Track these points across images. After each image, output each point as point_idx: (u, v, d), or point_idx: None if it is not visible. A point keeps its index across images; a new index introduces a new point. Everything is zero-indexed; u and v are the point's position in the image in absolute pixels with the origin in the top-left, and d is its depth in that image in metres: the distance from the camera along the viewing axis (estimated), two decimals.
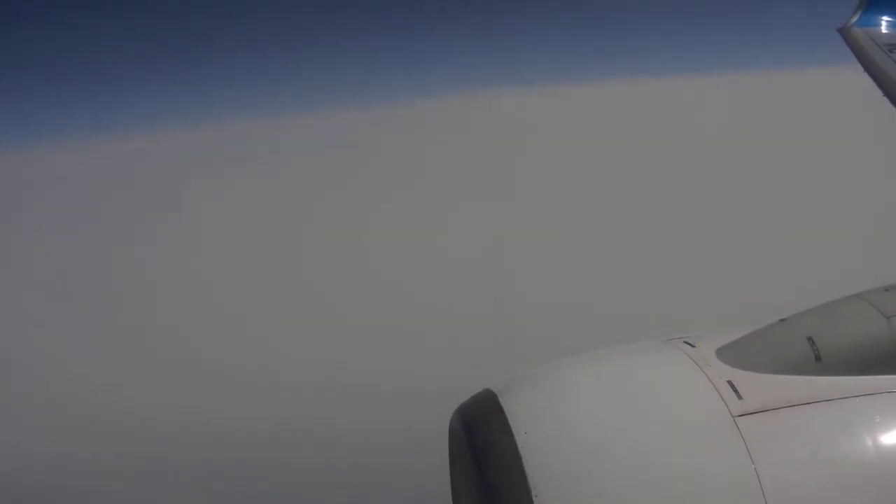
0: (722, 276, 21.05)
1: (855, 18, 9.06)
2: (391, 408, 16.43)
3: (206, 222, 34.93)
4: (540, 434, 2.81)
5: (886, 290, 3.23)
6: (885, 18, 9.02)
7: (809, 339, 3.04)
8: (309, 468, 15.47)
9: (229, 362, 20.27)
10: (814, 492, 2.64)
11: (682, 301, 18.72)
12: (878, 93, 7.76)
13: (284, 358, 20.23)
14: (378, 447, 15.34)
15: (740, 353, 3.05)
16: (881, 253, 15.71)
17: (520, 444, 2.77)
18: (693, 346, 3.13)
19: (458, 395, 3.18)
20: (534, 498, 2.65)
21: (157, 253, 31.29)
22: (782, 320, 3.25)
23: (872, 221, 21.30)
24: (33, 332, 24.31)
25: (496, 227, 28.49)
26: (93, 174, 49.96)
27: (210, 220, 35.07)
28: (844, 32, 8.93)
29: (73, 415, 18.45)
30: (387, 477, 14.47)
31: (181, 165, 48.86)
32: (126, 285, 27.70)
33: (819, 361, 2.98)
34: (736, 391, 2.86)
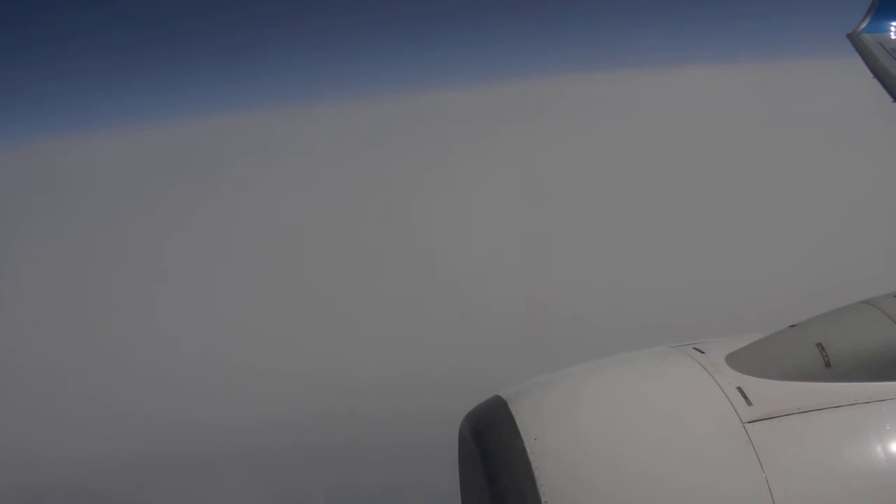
0: (730, 282, 20.96)
1: (864, 24, 9.06)
2: (399, 411, 16.43)
3: (219, 218, 34.93)
4: (549, 440, 2.82)
5: (895, 296, 3.22)
6: (893, 24, 9.02)
7: (819, 345, 3.03)
8: (315, 471, 15.50)
9: (240, 360, 20.33)
10: (823, 498, 2.64)
11: (691, 306, 18.66)
12: (887, 98, 7.75)
13: (306, 355, 20.21)
14: (386, 452, 15.34)
15: (750, 360, 3.05)
16: (890, 259, 15.63)
17: (529, 451, 2.78)
18: (703, 353, 3.13)
19: (467, 399, 3.20)
20: None
21: (177, 248, 31.27)
22: (792, 326, 3.25)
23: (882, 227, 21.19)
24: (37, 330, 24.42)
25: (500, 226, 28.45)
26: (93, 170, 50.03)
27: (226, 216, 35.07)
28: (853, 38, 8.93)
29: (85, 413, 18.47)
30: (396, 483, 14.47)
31: (206, 156, 48.74)
32: (137, 284, 27.76)
33: (829, 367, 2.98)
34: (745, 397, 2.86)
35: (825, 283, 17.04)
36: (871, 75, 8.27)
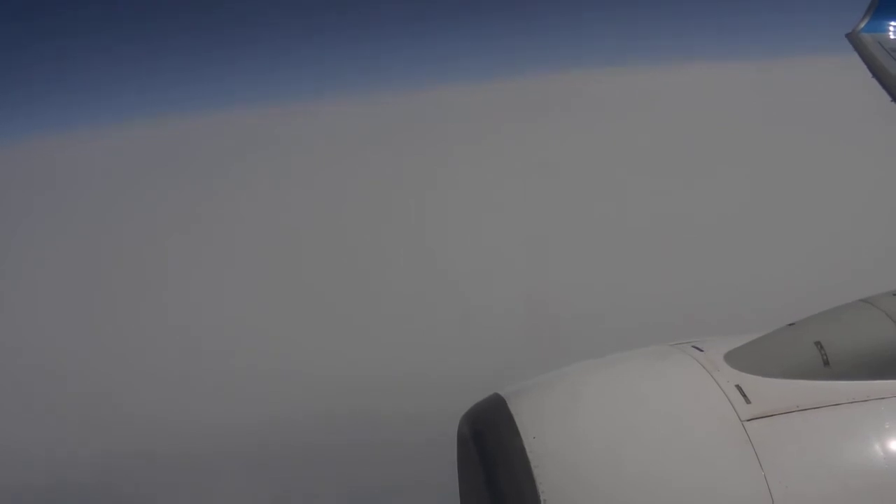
0: (729, 280, 20.97)
1: (863, 24, 9.05)
2: (398, 410, 16.43)
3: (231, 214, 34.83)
4: (548, 439, 2.82)
5: (895, 295, 3.22)
6: (893, 24, 9.01)
7: (817, 343, 3.03)
8: (314, 471, 15.50)
9: (239, 360, 20.31)
10: (822, 496, 2.64)
11: (690, 305, 18.66)
12: (886, 98, 7.74)
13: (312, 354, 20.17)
14: (385, 451, 15.35)
15: (749, 358, 3.05)
16: (888, 257, 15.64)
17: (528, 449, 2.78)
18: (701, 351, 3.14)
19: (466, 397, 3.20)
20: (542, 502, 2.66)
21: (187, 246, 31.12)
22: (790, 325, 3.25)
23: (881, 226, 21.21)
24: (36, 327, 24.37)
25: (503, 224, 28.43)
26: (93, 167, 49.86)
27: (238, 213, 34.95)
28: (852, 38, 8.92)
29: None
30: (395, 482, 14.47)
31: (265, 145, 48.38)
32: (137, 281, 27.67)
33: (827, 366, 2.97)
34: (744, 395, 2.86)
35: (824, 281, 17.06)
36: (870, 75, 8.26)
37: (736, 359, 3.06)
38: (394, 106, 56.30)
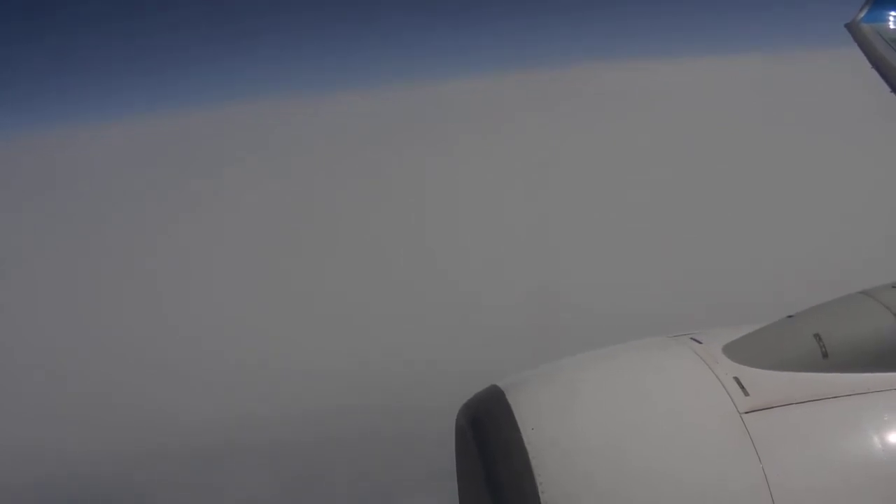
0: (729, 273, 21.01)
1: (863, 14, 9.02)
2: (397, 405, 16.46)
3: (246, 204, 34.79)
4: (547, 430, 2.82)
5: (894, 287, 3.21)
6: (892, 14, 8.97)
7: (816, 335, 3.03)
8: (313, 467, 15.54)
9: (238, 356, 20.33)
10: (820, 489, 2.64)
11: (690, 297, 18.69)
12: (885, 89, 7.72)
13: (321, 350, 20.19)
14: (384, 446, 15.39)
15: (747, 350, 3.05)
16: (888, 250, 15.66)
17: (526, 441, 2.78)
18: (700, 343, 3.13)
19: (464, 390, 3.19)
20: (540, 494, 2.66)
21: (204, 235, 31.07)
22: (789, 317, 3.25)
23: (880, 218, 21.22)
24: (36, 324, 24.39)
25: (506, 220, 28.48)
26: (96, 162, 49.84)
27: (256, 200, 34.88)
28: (852, 28, 8.88)
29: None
30: (393, 474, 14.51)
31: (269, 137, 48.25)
32: (133, 279, 27.69)
33: (826, 358, 2.97)
34: (743, 388, 2.86)
35: (823, 273, 17.09)
36: (869, 65, 8.23)
37: (734, 351, 3.05)
38: (396, 100, 56.25)
